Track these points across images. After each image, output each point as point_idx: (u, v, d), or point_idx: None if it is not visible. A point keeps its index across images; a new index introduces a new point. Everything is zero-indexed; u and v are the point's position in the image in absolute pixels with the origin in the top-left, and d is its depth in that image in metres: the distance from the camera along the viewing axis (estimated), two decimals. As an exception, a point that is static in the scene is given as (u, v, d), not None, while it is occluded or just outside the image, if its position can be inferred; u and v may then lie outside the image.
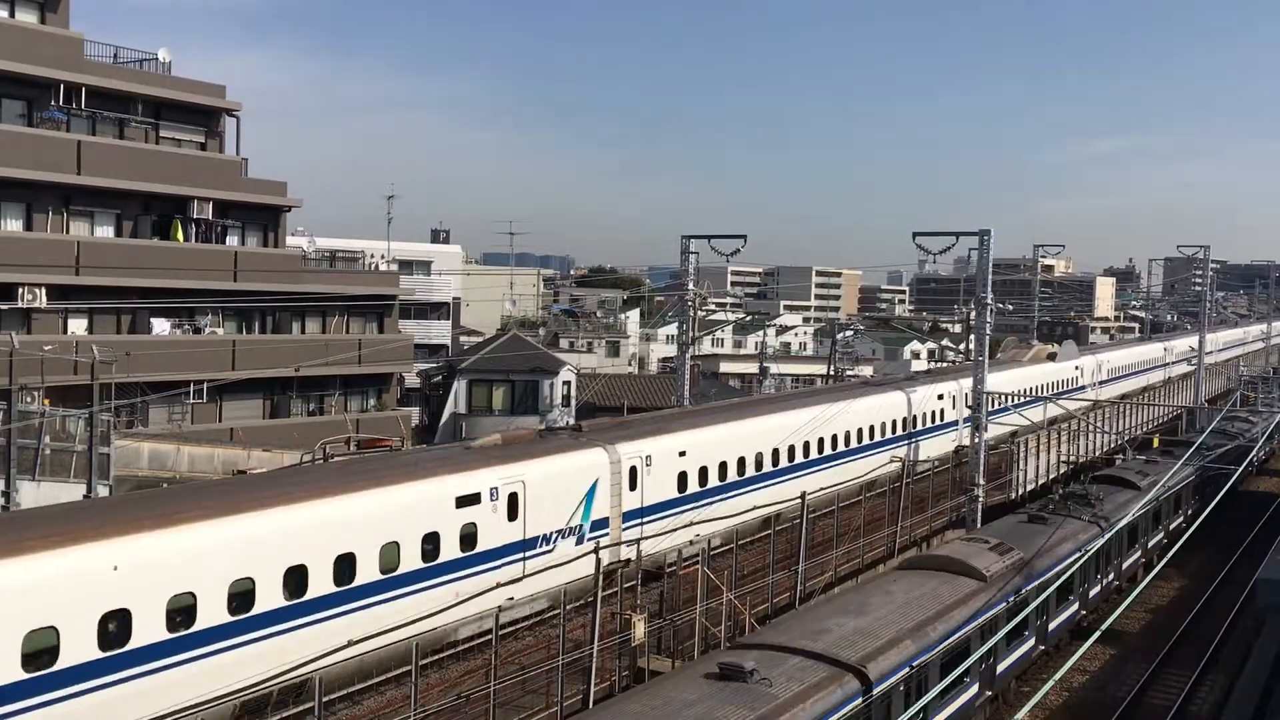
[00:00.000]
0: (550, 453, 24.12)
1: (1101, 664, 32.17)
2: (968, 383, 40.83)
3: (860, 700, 18.05)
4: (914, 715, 18.58)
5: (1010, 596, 24.07)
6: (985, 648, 21.69)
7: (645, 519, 26.01)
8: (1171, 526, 39.69)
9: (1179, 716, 28.12)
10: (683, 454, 27.58)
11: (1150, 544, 37.52)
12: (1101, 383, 63.80)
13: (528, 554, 22.42)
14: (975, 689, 22.92)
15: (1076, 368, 59.66)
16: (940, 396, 42.65)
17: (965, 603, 22.57)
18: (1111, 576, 33.79)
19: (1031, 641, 26.88)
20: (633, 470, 25.59)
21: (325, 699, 16.84)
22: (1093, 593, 31.90)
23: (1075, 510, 31.43)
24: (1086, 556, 27.81)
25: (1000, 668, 24.62)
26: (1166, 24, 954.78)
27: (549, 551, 22.91)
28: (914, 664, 19.56)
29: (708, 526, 27.24)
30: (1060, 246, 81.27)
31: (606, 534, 24.56)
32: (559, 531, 23.31)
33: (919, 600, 22.06)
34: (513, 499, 22.19)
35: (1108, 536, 30.08)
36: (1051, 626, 28.38)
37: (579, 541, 23.67)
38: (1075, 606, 30.48)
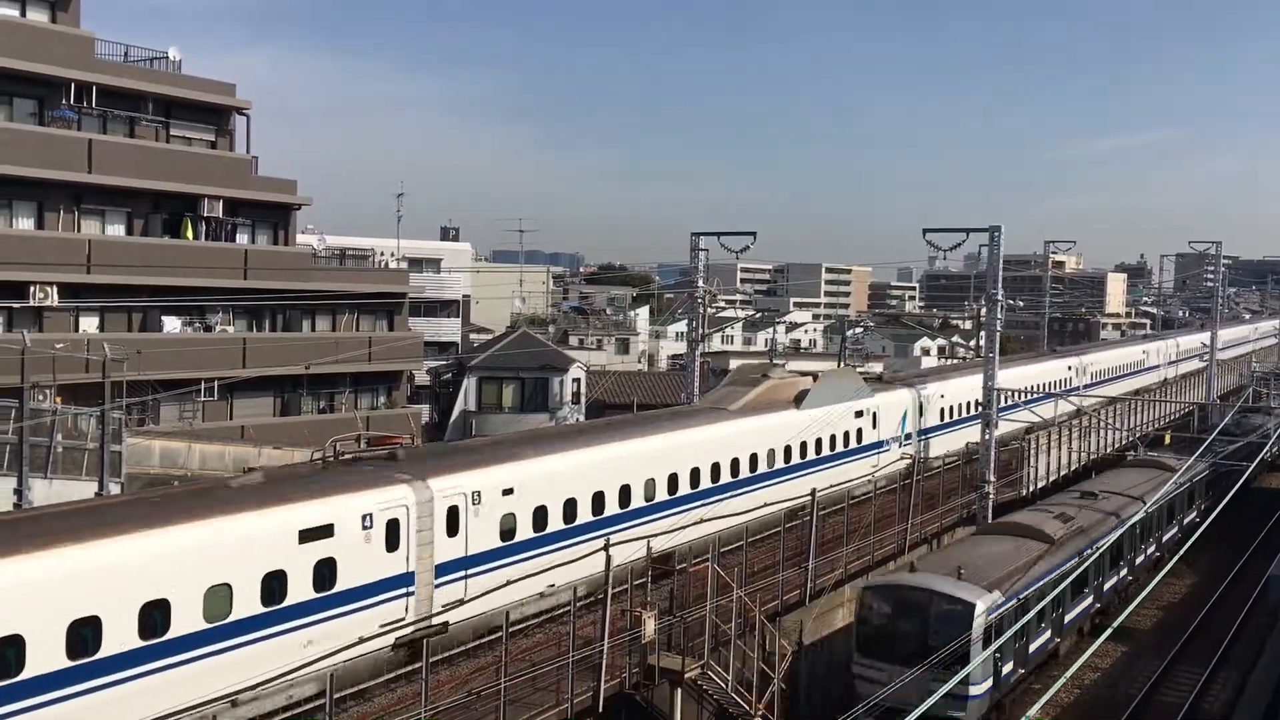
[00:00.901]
0: None
1: (1113, 661, 32.09)
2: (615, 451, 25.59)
3: (1142, 513, 33.59)
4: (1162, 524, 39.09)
5: (1189, 481, 40.75)
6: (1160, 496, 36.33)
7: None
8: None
9: (1191, 714, 28.02)
10: None
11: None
12: (908, 439, 38.50)
13: None
14: (1175, 531, 41.02)
15: (859, 413, 35.81)
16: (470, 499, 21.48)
17: (1171, 478, 37.13)
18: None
19: (1195, 513, 42.82)
20: None
21: (336, 695, 16.86)
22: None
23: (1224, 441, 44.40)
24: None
25: (1187, 519, 42.11)
26: (1179, 18, 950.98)
27: None
28: (1162, 501, 35.58)
29: None
30: (1071, 243, 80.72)
31: None
32: None
33: (1147, 481, 37.99)
34: None
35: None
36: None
37: None
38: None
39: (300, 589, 18.22)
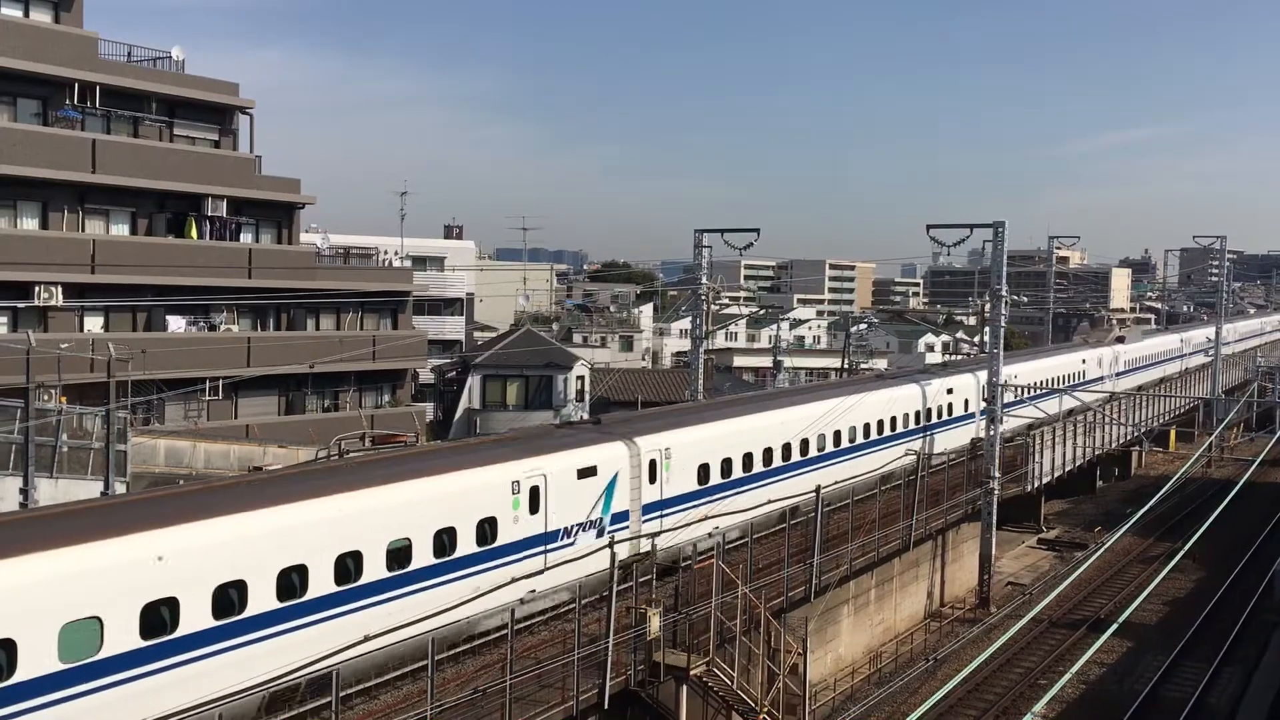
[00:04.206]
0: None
1: (1119, 657, 32.06)
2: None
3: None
4: None
5: None
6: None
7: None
8: None
9: (1196, 709, 28.00)
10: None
11: None
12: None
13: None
14: None
15: None
16: None
17: None
18: None
19: None
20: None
21: (342, 694, 16.89)
22: None
23: None
24: None
25: None
26: (1185, 14, 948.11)
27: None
28: None
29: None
30: (1076, 238, 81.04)
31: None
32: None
33: None
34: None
35: None
36: None
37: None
38: None
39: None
